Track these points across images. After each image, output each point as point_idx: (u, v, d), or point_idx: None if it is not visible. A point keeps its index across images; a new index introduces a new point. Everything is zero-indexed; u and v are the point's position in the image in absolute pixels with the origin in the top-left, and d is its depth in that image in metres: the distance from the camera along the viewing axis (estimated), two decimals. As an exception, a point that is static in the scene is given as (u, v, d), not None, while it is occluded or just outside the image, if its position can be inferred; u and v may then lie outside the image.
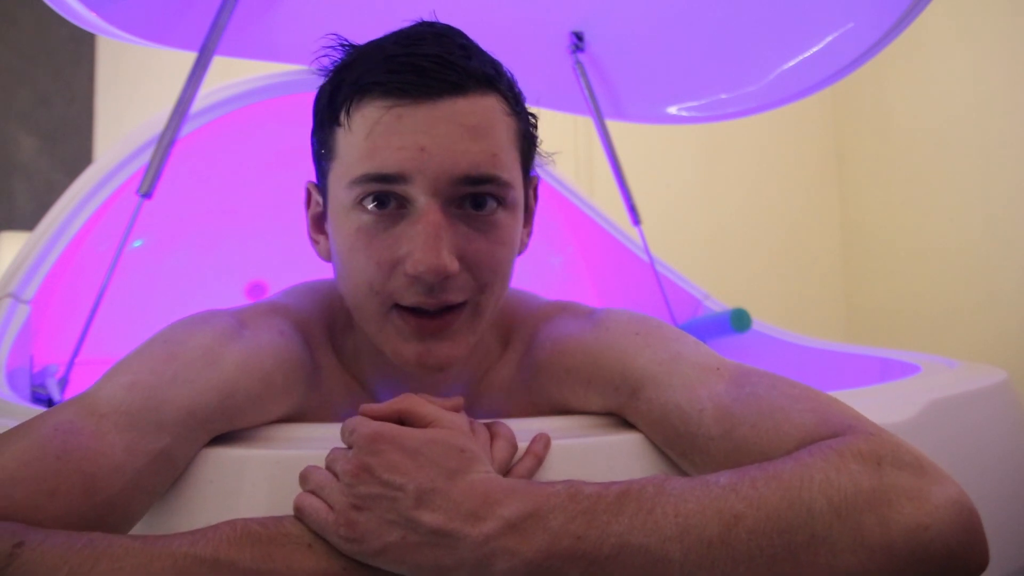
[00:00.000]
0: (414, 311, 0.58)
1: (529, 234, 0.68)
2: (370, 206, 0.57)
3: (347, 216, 0.59)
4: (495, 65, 0.60)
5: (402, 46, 0.57)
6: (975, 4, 2.36)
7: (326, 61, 0.62)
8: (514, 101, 0.61)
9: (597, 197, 2.34)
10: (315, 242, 0.67)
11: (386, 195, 0.57)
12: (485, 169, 0.56)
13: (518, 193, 0.61)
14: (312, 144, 0.64)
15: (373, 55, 0.58)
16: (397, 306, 0.58)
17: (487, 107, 0.58)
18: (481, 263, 0.58)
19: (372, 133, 0.56)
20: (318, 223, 0.67)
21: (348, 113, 0.57)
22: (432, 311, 0.58)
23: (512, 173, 0.59)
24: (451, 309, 0.58)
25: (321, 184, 0.64)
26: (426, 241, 0.55)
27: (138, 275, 1.49)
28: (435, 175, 0.55)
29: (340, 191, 0.59)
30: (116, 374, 0.53)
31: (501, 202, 0.59)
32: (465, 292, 0.58)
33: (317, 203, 0.66)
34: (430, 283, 0.56)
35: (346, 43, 0.62)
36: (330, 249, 0.64)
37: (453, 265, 0.56)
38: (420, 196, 0.56)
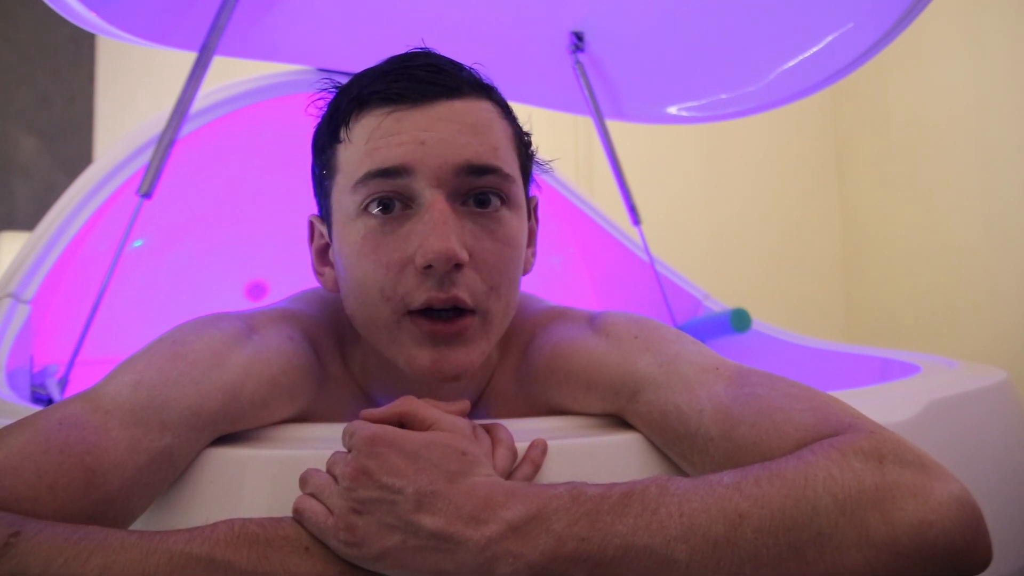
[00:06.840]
0: (426, 315, 0.57)
1: (534, 254, 0.68)
2: (375, 211, 0.58)
3: (352, 224, 0.59)
4: (486, 79, 0.63)
5: (396, 63, 0.61)
6: (975, 4, 2.36)
7: (322, 103, 0.64)
8: (507, 110, 0.63)
9: (597, 197, 2.34)
10: (320, 275, 0.67)
11: (390, 199, 0.57)
12: (486, 159, 0.58)
13: (520, 191, 0.61)
14: (313, 174, 0.65)
15: (368, 74, 0.61)
16: (409, 314, 0.58)
17: (483, 108, 0.60)
18: (488, 262, 0.58)
19: (372, 137, 0.57)
20: (322, 256, 0.67)
21: (348, 126, 0.59)
22: (443, 311, 0.57)
23: (512, 168, 0.60)
24: (462, 314, 0.58)
25: (323, 210, 0.64)
26: (434, 228, 0.55)
27: (138, 275, 1.49)
28: (437, 165, 0.56)
29: (344, 200, 0.59)
30: (122, 372, 0.53)
31: (505, 200, 0.59)
32: (475, 295, 0.58)
33: (321, 235, 0.66)
34: (440, 274, 0.56)
35: (339, 84, 0.64)
36: (336, 278, 0.64)
37: (463, 253, 0.55)
38: (424, 190, 0.57)
